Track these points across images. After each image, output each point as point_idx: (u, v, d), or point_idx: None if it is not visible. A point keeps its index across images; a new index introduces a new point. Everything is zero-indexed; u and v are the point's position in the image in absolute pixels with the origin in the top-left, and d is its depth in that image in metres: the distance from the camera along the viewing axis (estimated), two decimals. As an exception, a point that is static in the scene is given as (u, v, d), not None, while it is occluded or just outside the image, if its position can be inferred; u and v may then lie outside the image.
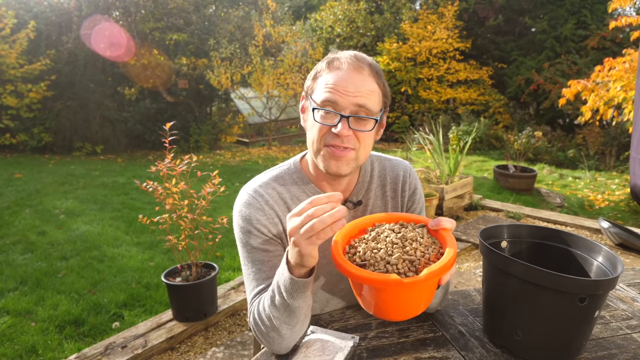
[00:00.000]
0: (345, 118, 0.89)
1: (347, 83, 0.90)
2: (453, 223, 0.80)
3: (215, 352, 2.33)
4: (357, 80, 0.90)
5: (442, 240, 0.78)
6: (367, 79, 0.91)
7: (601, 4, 9.94)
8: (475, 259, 3.62)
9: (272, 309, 0.87)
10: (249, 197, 1.01)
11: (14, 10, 8.44)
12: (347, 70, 0.91)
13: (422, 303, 0.77)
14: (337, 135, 0.90)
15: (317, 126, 0.93)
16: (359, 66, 0.91)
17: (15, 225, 4.34)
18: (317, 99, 0.92)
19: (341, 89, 0.89)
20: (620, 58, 4.47)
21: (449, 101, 11.13)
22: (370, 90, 0.91)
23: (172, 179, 2.38)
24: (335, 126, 0.90)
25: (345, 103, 0.89)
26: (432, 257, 0.74)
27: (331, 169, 0.94)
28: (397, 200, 1.12)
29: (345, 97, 0.89)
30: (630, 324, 1.03)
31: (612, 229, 3.71)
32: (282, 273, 0.83)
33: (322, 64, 0.95)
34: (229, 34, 9.80)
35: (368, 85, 0.91)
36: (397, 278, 0.68)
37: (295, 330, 0.90)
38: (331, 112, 0.90)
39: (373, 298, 0.76)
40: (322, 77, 0.93)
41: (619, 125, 7.60)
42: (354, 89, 0.89)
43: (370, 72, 0.92)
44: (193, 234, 2.47)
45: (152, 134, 9.19)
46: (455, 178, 4.70)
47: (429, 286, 0.73)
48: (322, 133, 0.93)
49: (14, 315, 2.69)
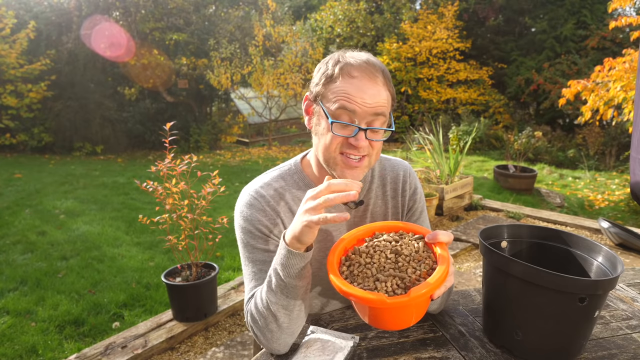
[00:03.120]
0: (363, 130, 0.90)
1: (365, 95, 0.89)
2: (450, 237, 0.79)
3: (215, 352, 2.33)
4: (373, 92, 0.90)
5: (436, 255, 0.78)
6: (382, 88, 0.92)
7: (601, 4, 9.95)
8: (475, 259, 3.62)
9: (269, 294, 0.88)
10: (251, 197, 1.02)
11: (14, 10, 8.45)
12: (363, 79, 0.90)
13: (413, 317, 0.78)
14: (354, 145, 0.90)
15: (332, 135, 0.92)
16: (374, 75, 0.91)
17: (15, 225, 4.34)
18: (332, 107, 0.91)
19: (359, 100, 0.89)
20: (620, 58, 4.46)
21: (449, 101, 11.13)
22: (385, 100, 0.92)
23: (172, 179, 2.38)
24: (354, 137, 0.90)
25: (363, 114, 0.89)
26: (422, 274, 0.75)
27: (347, 177, 0.95)
28: (397, 200, 1.12)
29: (362, 108, 0.89)
30: (630, 324, 1.03)
31: (612, 229, 3.71)
32: (278, 253, 0.85)
33: (332, 67, 0.93)
34: (229, 34, 9.80)
35: (383, 95, 0.91)
36: (381, 298, 0.70)
37: (293, 318, 0.90)
38: (349, 124, 0.90)
39: (363, 310, 0.79)
40: (335, 85, 0.91)
41: (619, 125, 7.61)
42: (370, 100, 0.89)
43: (383, 80, 0.93)
44: (193, 234, 2.47)
45: (152, 134, 9.20)
46: (455, 178, 4.70)
47: (418, 304, 0.74)
48: (337, 142, 0.92)
49: (14, 315, 2.69)
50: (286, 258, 0.83)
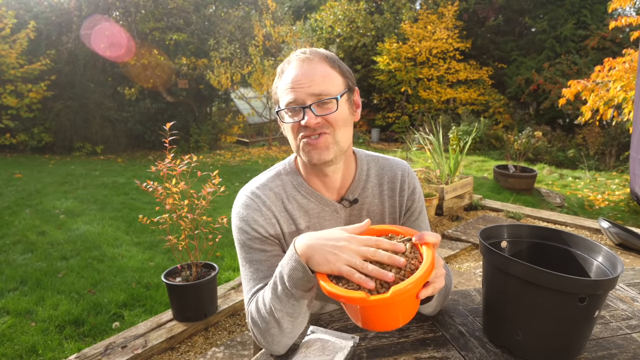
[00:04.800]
0: (308, 108, 0.92)
1: (299, 77, 0.93)
2: (437, 237, 0.79)
3: (215, 352, 2.33)
4: (307, 71, 0.93)
5: (422, 256, 0.79)
6: (318, 65, 0.94)
7: (601, 4, 9.95)
8: (475, 259, 3.62)
9: (274, 301, 0.87)
10: (247, 199, 1.02)
11: (14, 10, 8.44)
12: (296, 65, 0.95)
13: (400, 317, 0.78)
14: (307, 126, 0.93)
15: (289, 126, 0.97)
16: (307, 57, 0.95)
17: (15, 225, 4.34)
18: (282, 104, 0.96)
19: (295, 84, 0.93)
20: (620, 58, 4.47)
21: (449, 101, 11.13)
22: (323, 76, 0.94)
23: (172, 179, 2.38)
24: (303, 119, 0.93)
25: (303, 95, 0.92)
26: (407, 274, 0.75)
27: (314, 159, 0.96)
28: (395, 200, 1.12)
29: (300, 90, 0.92)
30: (630, 324, 1.03)
31: (612, 229, 3.71)
32: (287, 261, 0.83)
33: (279, 74, 0.99)
34: (229, 34, 9.80)
35: (319, 71, 0.94)
36: (362, 296, 0.71)
37: (297, 324, 0.89)
38: (294, 108, 0.94)
39: (353, 312, 0.80)
40: (279, 84, 0.98)
41: (619, 125, 7.61)
42: (306, 79, 0.92)
43: (320, 58, 0.95)
44: (193, 234, 2.47)
45: (152, 134, 9.19)
46: (455, 178, 4.70)
47: (402, 302, 0.74)
48: (295, 130, 0.96)
49: (14, 315, 2.69)
50: (295, 270, 0.81)
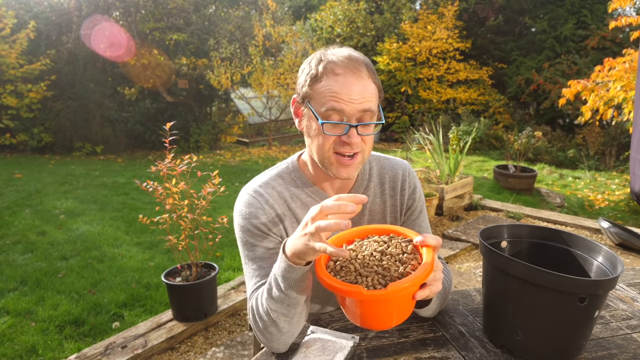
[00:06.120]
0: (354, 127, 0.90)
1: (351, 91, 0.89)
2: (438, 240, 0.78)
3: (215, 352, 2.33)
4: (359, 87, 0.89)
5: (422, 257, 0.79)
6: (367, 82, 0.91)
7: (601, 4, 9.94)
8: (475, 259, 3.62)
9: (269, 302, 0.87)
10: (249, 197, 1.02)
11: (14, 10, 8.44)
12: (347, 76, 0.89)
13: (394, 316, 0.78)
14: (347, 143, 0.91)
15: (324, 136, 0.93)
16: (357, 70, 0.90)
17: (15, 225, 4.34)
18: (320, 107, 0.90)
19: (345, 97, 0.88)
20: (620, 58, 4.46)
21: (449, 101, 11.13)
22: (372, 94, 0.92)
23: (172, 179, 2.38)
24: (346, 135, 0.90)
25: (352, 111, 0.89)
26: (405, 274, 0.75)
27: (342, 176, 0.96)
28: (396, 199, 1.12)
29: (350, 106, 0.89)
30: (630, 324, 1.03)
31: (612, 229, 3.71)
32: (278, 264, 0.84)
33: (315, 67, 0.92)
34: (229, 34, 9.80)
35: (369, 88, 0.91)
36: (358, 290, 0.71)
37: (293, 324, 0.89)
38: (339, 123, 0.90)
39: (344, 305, 0.80)
40: (321, 84, 0.90)
41: (619, 125, 7.60)
42: (357, 96, 0.89)
43: (367, 73, 0.92)
44: (193, 234, 2.47)
45: (152, 134, 9.19)
46: (455, 178, 4.70)
47: (397, 300, 0.75)
48: (330, 141, 0.93)
49: (14, 315, 2.69)
50: (286, 271, 0.82)
